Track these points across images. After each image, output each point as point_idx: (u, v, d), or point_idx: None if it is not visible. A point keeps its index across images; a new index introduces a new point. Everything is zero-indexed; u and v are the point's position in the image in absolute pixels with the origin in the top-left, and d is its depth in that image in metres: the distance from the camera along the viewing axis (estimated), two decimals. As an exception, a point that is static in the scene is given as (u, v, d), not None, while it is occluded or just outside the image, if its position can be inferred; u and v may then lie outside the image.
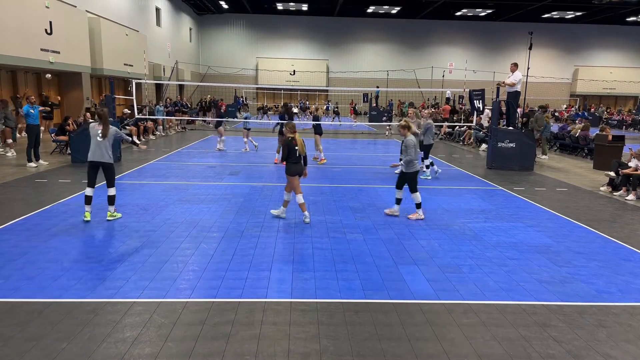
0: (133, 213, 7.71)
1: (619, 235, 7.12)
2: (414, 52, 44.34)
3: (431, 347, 3.84)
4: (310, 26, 43.60)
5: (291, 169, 7.26)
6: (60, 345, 3.72)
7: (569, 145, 17.73)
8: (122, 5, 24.53)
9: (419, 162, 7.99)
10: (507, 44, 43.85)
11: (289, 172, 7.27)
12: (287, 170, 7.29)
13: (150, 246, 6.09)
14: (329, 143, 19.42)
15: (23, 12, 15.04)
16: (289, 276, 5.21)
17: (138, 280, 4.99)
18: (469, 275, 5.36)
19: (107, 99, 14.85)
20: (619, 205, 9.19)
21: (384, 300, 4.68)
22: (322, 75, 43.22)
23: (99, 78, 22.97)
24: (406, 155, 7.67)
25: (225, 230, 6.87)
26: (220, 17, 43.13)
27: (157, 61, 29.71)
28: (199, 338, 3.89)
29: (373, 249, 6.16)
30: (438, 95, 38.82)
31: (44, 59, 16.17)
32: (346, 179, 11.21)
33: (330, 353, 3.72)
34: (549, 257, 6.03)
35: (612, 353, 3.83)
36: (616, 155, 13.15)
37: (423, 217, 7.70)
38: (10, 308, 4.32)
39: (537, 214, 8.31)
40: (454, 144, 20.30)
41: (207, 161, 13.60)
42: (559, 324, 4.29)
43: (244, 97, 37.23)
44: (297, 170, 7.30)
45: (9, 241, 6.16)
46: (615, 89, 45.10)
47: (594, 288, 5.10)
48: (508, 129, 13.35)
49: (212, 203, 8.53)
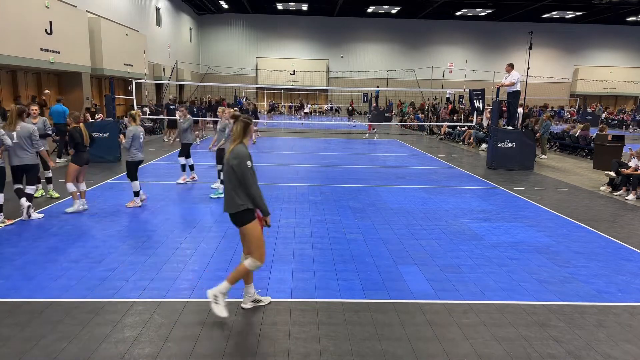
0: (133, 213, 7.71)
1: (619, 235, 7.12)
2: (414, 52, 44.35)
3: (431, 347, 3.84)
4: (310, 26, 43.61)
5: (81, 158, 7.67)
6: (60, 345, 3.72)
7: (569, 145, 17.73)
8: (122, 5, 24.53)
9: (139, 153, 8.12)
10: (507, 44, 43.85)
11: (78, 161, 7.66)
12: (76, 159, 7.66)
13: (150, 246, 6.09)
14: (328, 143, 19.43)
15: (23, 12, 15.03)
16: (289, 276, 5.21)
17: (138, 280, 4.99)
18: (469, 275, 5.36)
19: (107, 98, 14.86)
20: (619, 205, 9.19)
21: (384, 300, 4.68)
22: (322, 75, 43.23)
23: (99, 78, 22.97)
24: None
25: (225, 230, 6.87)
26: (220, 17, 43.13)
27: (157, 61, 29.71)
28: (198, 338, 3.89)
29: (373, 249, 6.16)
30: (438, 95, 38.79)
31: (44, 59, 16.17)
32: (346, 179, 11.21)
33: (330, 353, 3.72)
34: (549, 257, 6.03)
35: (612, 353, 3.83)
36: (616, 155, 13.15)
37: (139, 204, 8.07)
38: (10, 308, 4.32)
39: (537, 213, 8.31)
40: (454, 143, 20.30)
41: (207, 161, 13.60)
42: (559, 324, 4.29)
43: (244, 97, 37.23)
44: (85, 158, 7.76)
45: (9, 241, 6.16)
46: (615, 89, 45.11)
47: (594, 288, 5.10)
48: (508, 129, 13.35)
49: (212, 203, 8.53)
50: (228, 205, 4.13)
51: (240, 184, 4.05)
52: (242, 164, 4.01)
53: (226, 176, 4.12)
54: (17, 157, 7.08)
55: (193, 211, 7.94)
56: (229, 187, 4.10)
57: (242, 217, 4.09)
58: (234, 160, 4.02)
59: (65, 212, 7.52)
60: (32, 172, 7.40)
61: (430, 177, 11.72)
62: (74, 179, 7.65)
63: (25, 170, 7.26)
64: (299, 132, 24.53)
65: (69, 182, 7.59)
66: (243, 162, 4.01)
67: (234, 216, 4.13)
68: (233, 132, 4.15)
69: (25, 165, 7.16)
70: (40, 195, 8.59)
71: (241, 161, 4.01)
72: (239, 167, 4.01)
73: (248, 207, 4.08)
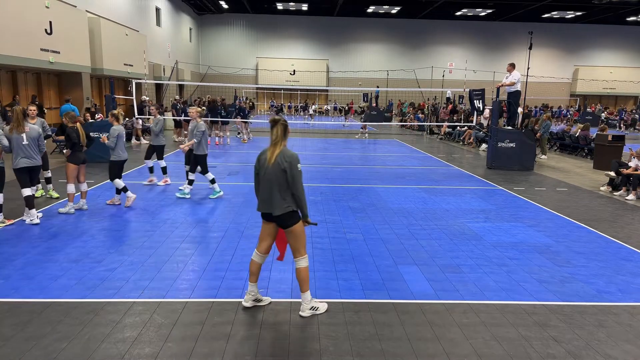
0: (133, 213, 7.71)
1: (619, 235, 7.12)
2: (414, 52, 44.36)
3: (431, 347, 3.84)
4: (310, 26, 43.61)
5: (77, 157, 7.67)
6: (60, 345, 3.72)
7: (569, 145, 17.74)
8: (122, 5, 24.53)
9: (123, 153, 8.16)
10: (507, 44, 43.87)
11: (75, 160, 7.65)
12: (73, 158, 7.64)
13: (150, 246, 6.09)
14: (328, 143, 19.43)
15: (23, 12, 15.03)
16: (289, 276, 5.21)
17: (138, 280, 4.99)
18: (469, 275, 5.36)
19: (107, 98, 14.87)
20: (619, 205, 9.19)
21: (384, 300, 4.68)
22: (322, 75, 43.23)
23: (99, 78, 22.97)
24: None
25: (225, 230, 6.87)
26: (220, 17, 43.13)
27: (157, 61, 29.71)
28: (199, 338, 3.89)
29: (373, 249, 6.16)
30: (438, 95, 38.81)
31: (44, 59, 16.17)
32: (346, 179, 11.21)
33: (330, 353, 3.72)
34: (549, 257, 6.03)
35: (612, 353, 3.83)
36: (616, 155, 13.16)
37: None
38: (10, 308, 4.32)
39: (537, 213, 8.31)
40: (454, 144, 20.30)
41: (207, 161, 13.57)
42: (559, 324, 4.29)
43: (243, 96, 37.23)
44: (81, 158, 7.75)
45: (9, 241, 6.16)
46: (616, 89, 45.12)
47: (594, 288, 5.10)
48: (508, 129, 13.35)
49: (212, 203, 8.53)
50: (273, 206, 4.14)
51: (288, 187, 4.11)
52: (294, 167, 4.10)
53: (271, 178, 4.13)
54: (26, 159, 6.96)
55: (193, 211, 7.94)
56: (275, 189, 4.13)
57: (290, 218, 4.17)
58: (285, 163, 4.07)
59: (58, 212, 7.52)
60: (36, 173, 7.39)
61: (430, 177, 11.72)
62: (74, 179, 7.66)
63: (33, 172, 7.23)
64: (299, 132, 24.53)
65: (70, 183, 7.60)
66: (295, 165, 4.11)
67: (279, 217, 4.16)
68: (274, 135, 4.16)
69: (34, 166, 7.11)
70: (40, 195, 8.59)
71: (294, 164, 4.10)
72: (290, 170, 4.08)
73: (294, 209, 4.17)
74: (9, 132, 6.86)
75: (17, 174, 7.00)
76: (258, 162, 4.29)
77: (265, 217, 4.32)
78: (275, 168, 4.12)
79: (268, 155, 4.18)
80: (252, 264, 4.40)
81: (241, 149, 16.84)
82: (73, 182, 7.63)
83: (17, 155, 6.92)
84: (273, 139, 4.19)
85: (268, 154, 4.18)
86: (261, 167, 4.24)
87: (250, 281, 4.42)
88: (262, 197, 4.26)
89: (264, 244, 4.40)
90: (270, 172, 4.14)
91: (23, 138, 6.91)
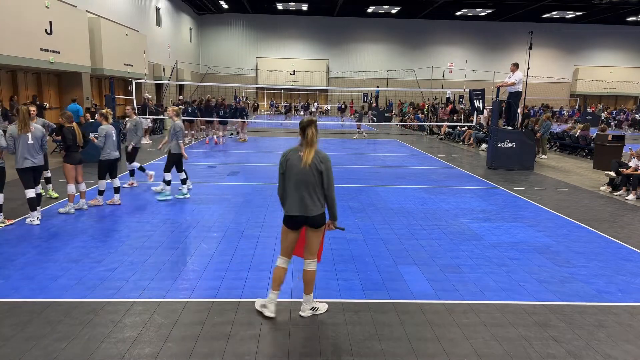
0: (133, 213, 7.71)
1: (619, 235, 7.12)
2: (414, 52, 44.36)
3: (431, 347, 3.84)
4: (310, 26, 43.62)
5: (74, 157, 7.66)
6: (60, 345, 3.72)
7: (569, 145, 17.74)
8: (122, 5, 24.53)
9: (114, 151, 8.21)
10: (507, 44, 43.88)
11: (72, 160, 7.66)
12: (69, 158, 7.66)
13: (150, 246, 6.09)
14: (328, 143, 19.43)
15: (23, 12, 15.04)
16: (289, 276, 5.20)
17: (138, 280, 4.99)
18: (469, 275, 5.36)
19: (107, 98, 14.87)
20: (619, 205, 9.19)
21: (384, 300, 4.68)
22: (322, 75, 43.23)
23: (99, 78, 22.97)
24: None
25: (225, 230, 6.87)
26: (220, 17, 43.14)
27: (157, 61, 29.71)
28: (199, 338, 3.89)
29: (373, 249, 6.16)
30: (438, 95, 38.81)
31: (44, 59, 16.17)
32: (346, 179, 11.21)
33: (330, 353, 3.72)
34: (549, 257, 6.03)
35: (612, 353, 3.83)
36: (616, 155, 13.16)
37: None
38: (10, 308, 4.32)
39: (537, 213, 8.31)
40: (454, 144, 20.30)
41: (207, 161, 13.61)
42: (559, 324, 4.29)
43: (243, 96, 37.23)
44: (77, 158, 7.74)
45: (8, 241, 6.16)
46: (615, 89, 45.13)
47: (594, 288, 5.10)
48: (508, 129, 13.35)
49: (212, 203, 8.53)
50: (308, 209, 4.04)
51: (321, 188, 4.07)
52: (330, 169, 4.08)
53: (306, 179, 4.01)
54: (30, 159, 6.95)
55: (193, 211, 7.94)
56: (310, 191, 4.04)
57: (322, 219, 4.14)
58: (322, 165, 4.02)
59: (58, 212, 7.52)
60: (39, 173, 7.40)
61: (430, 177, 11.72)
62: (73, 180, 7.66)
63: (37, 172, 7.23)
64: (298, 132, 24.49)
65: (70, 184, 7.61)
66: (330, 167, 4.09)
67: (313, 219, 4.08)
68: (309, 136, 4.04)
69: (38, 166, 7.12)
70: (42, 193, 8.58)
71: (329, 166, 4.08)
72: (327, 172, 4.05)
73: (324, 210, 4.16)
74: (18, 132, 6.82)
75: (21, 175, 6.98)
76: (285, 163, 4.09)
77: (292, 221, 4.12)
78: (310, 169, 4.00)
79: (303, 156, 4.01)
80: (279, 271, 4.24)
81: (241, 149, 16.84)
82: (72, 182, 7.63)
83: (21, 155, 6.87)
84: (308, 140, 4.02)
85: (303, 155, 4.01)
86: (290, 168, 4.06)
87: (273, 289, 4.24)
88: (293, 200, 4.07)
89: (289, 248, 4.25)
90: (305, 173, 4.00)
91: (28, 137, 6.92)
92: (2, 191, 6.87)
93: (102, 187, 8.10)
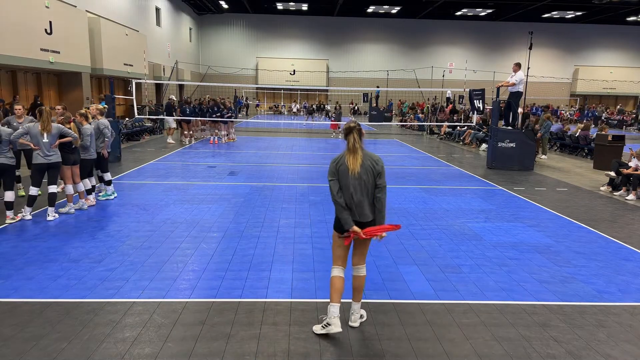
0: (133, 213, 7.71)
1: (619, 235, 7.12)
2: (414, 52, 44.34)
3: (431, 347, 3.84)
4: (310, 26, 43.60)
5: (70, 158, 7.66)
6: (60, 345, 3.72)
7: (569, 145, 17.73)
8: (122, 5, 24.52)
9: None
10: (507, 43, 43.85)
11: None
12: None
13: (150, 246, 6.09)
14: (328, 143, 19.43)
15: (23, 12, 15.03)
16: (289, 276, 5.21)
17: (138, 280, 4.99)
18: (469, 275, 5.36)
19: (107, 98, 14.87)
20: (619, 205, 9.19)
21: (384, 300, 4.68)
22: (322, 75, 43.23)
23: (99, 78, 22.95)
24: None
25: (225, 230, 6.87)
26: (220, 17, 43.13)
27: (157, 61, 29.70)
28: (199, 338, 3.89)
29: (373, 249, 6.15)
30: (438, 95, 38.80)
31: (44, 59, 16.17)
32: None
33: (330, 353, 3.72)
34: (549, 257, 6.03)
35: (612, 353, 3.83)
36: (616, 155, 13.15)
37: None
38: (10, 308, 4.32)
39: (538, 213, 8.31)
40: (454, 144, 20.30)
41: (207, 161, 13.60)
42: (559, 324, 4.28)
43: (243, 96, 37.23)
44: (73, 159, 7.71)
45: (8, 241, 6.16)
46: (616, 89, 45.11)
47: (594, 288, 5.10)
48: (508, 129, 13.35)
49: (212, 203, 8.53)
50: (366, 214, 3.91)
51: (375, 189, 3.90)
52: (384, 169, 3.96)
53: (362, 183, 3.87)
54: (44, 156, 7.10)
55: (193, 211, 7.93)
56: (367, 195, 3.89)
57: (374, 222, 3.95)
58: (378, 166, 3.88)
59: (58, 212, 7.52)
60: (56, 170, 7.43)
61: (430, 177, 11.72)
62: (70, 180, 7.67)
63: (52, 169, 7.32)
64: (298, 132, 24.53)
65: (68, 184, 7.62)
66: (384, 167, 3.97)
67: (368, 225, 3.93)
68: (351, 143, 3.86)
69: (52, 163, 7.23)
70: (39, 194, 8.56)
71: (384, 167, 3.96)
72: (383, 173, 3.91)
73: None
74: (41, 131, 7.01)
75: (33, 170, 7.18)
76: (337, 169, 3.91)
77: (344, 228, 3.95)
78: (365, 173, 3.84)
79: (349, 164, 3.84)
80: (338, 281, 4.01)
81: (241, 149, 16.84)
82: (70, 182, 7.64)
83: (35, 153, 7.12)
84: (350, 147, 3.86)
85: (349, 163, 3.84)
86: (343, 174, 3.88)
87: (333, 301, 3.94)
88: (354, 206, 3.89)
89: (344, 256, 4.11)
90: (359, 178, 3.85)
91: (44, 136, 7.05)
92: (12, 189, 7.07)
93: (87, 186, 8.11)
